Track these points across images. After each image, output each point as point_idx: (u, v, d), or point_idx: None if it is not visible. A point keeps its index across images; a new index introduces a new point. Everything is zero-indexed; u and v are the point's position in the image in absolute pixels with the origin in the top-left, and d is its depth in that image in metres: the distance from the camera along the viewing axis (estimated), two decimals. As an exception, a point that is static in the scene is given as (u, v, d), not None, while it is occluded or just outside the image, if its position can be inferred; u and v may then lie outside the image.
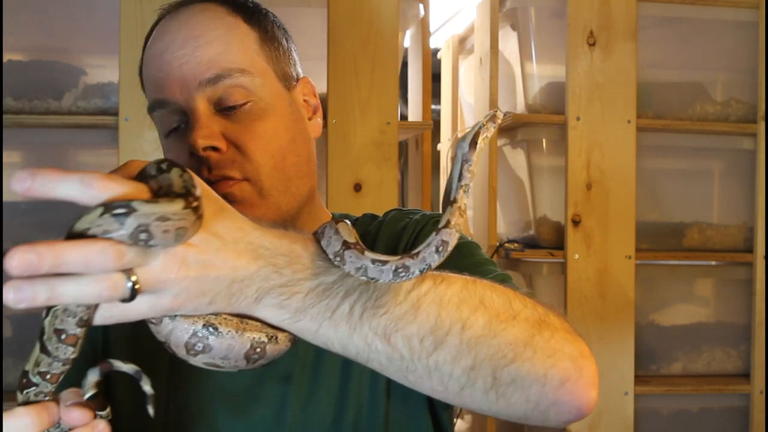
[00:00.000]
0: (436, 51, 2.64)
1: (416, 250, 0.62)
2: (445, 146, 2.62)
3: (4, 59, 1.77)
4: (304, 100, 0.96)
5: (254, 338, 0.62)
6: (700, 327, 2.14)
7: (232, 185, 0.84)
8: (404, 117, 2.31)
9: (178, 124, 0.87)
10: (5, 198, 1.77)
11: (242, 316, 0.62)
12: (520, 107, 2.11)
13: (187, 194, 0.54)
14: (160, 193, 0.55)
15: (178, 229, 0.53)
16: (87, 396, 0.61)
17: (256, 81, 0.88)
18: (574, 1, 1.95)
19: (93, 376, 0.62)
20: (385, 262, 0.61)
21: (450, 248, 0.62)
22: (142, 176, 0.58)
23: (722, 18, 2.08)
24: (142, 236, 0.51)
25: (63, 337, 0.55)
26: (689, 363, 2.11)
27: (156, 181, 0.56)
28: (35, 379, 0.57)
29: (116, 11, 1.72)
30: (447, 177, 0.65)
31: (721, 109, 2.10)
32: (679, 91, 2.11)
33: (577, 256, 1.95)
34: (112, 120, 1.75)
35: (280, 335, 0.64)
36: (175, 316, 0.59)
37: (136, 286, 0.53)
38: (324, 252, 0.63)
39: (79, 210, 0.56)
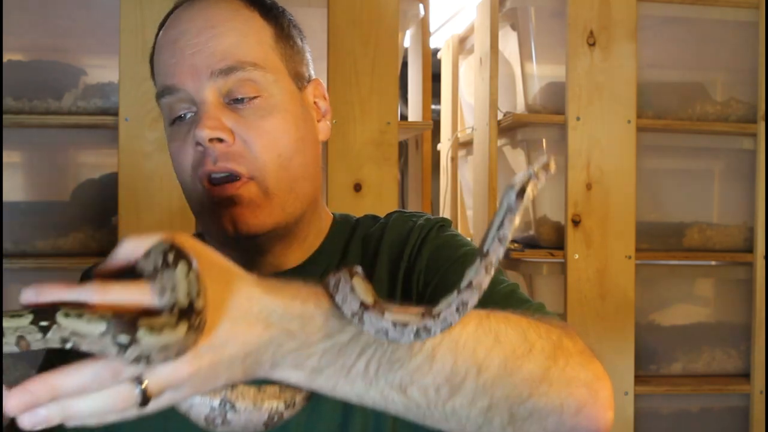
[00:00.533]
0: (436, 51, 2.64)
1: (437, 310, 0.61)
2: (445, 146, 2.62)
3: (4, 59, 1.77)
4: (314, 102, 0.95)
5: (272, 408, 0.62)
6: (700, 327, 2.14)
7: (239, 187, 0.84)
8: (404, 117, 2.31)
9: (185, 112, 0.87)
10: (5, 198, 1.77)
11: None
12: (520, 107, 2.11)
13: (190, 311, 0.52)
14: (163, 301, 0.53)
15: (180, 350, 0.52)
16: None
17: (269, 77, 0.87)
18: (574, 1, 1.95)
19: None
20: (405, 325, 0.60)
21: (470, 307, 0.61)
22: (146, 259, 0.57)
23: (722, 18, 2.08)
24: (143, 362, 0.51)
25: None
26: (689, 363, 2.11)
27: (160, 280, 0.54)
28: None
29: (116, 11, 1.72)
30: (491, 222, 0.63)
31: (721, 109, 2.10)
32: (679, 91, 2.11)
33: (577, 256, 1.95)
34: (112, 120, 1.75)
35: (298, 398, 0.64)
36: None
37: (147, 393, 0.53)
38: (338, 308, 0.61)
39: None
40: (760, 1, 2.04)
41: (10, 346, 0.51)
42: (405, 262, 0.91)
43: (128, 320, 0.50)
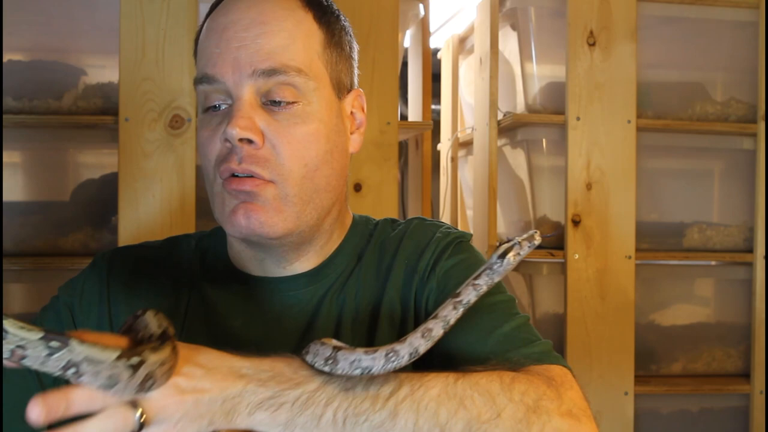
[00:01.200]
0: (436, 51, 2.64)
1: (404, 337, 0.69)
2: (445, 146, 2.62)
3: (4, 59, 1.77)
4: (351, 113, 0.94)
5: None
6: (700, 327, 2.14)
7: (259, 185, 0.83)
8: (404, 117, 2.31)
9: (219, 103, 0.86)
10: (5, 198, 1.77)
11: None
12: (520, 107, 2.11)
13: (166, 335, 0.64)
14: (141, 337, 0.65)
15: (171, 366, 0.63)
16: None
17: (310, 84, 0.86)
18: (574, 1, 1.95)
19: None
20: (375, 350, 0.67)
21: (435, 336, 0.69)
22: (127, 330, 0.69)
23: (722, 18, 2.08)
24: (149, 382, 0.61)
25: None
26: (689, 363, 2.11)
27: (134, 327, 0.67)
28: None
29: (116, 11, 1.72)
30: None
31: (721, 109, 2.10)
32: (679, 91, 2.11)
33: (577, 256, 1.95)
34: (112, 120, 1.75)
35: None
36: None
37: (142, 419, 0.61)
38: (307, 365, 0.70)
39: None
40: (760, 1, 2.04)
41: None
42: (418, 276, 0.91)
43: (132, 347, 0.62)
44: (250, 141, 0.82)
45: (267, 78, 0.83)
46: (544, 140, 2.07)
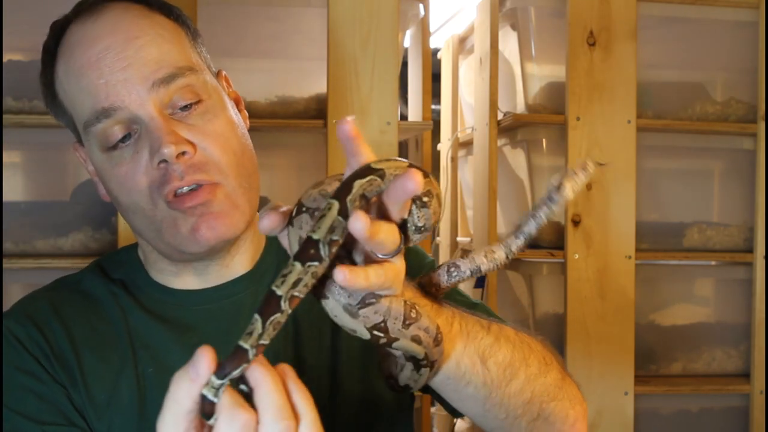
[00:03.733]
0: (436, 51, 2.64)
1: (468, 255, 0.72)
2: (445, 146, 2.62)
3: (4, 59, 1.77)
4: (228, 93, 0.92)
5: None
6: (700, 327, 2.14)
7: (210, 191, 0.82)
8: (404, 117, 2.31)
9: (125, 134, 0.82)
10: (5, 198, 1.77)
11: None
12: (520, 107, 2.11)
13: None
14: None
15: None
16: None
17: (201, 78, 0.85)
18: (574, 1, 1.95)
19: None
20: (440, 266, 0.74)
21: (498, 259, 0.72)
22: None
23: (722, 18, 2.08)
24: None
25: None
26: (689, 363, 2.11)
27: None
28: (324, 251, 0.55)
29: (116, 11, 1.72)
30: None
31: (721, 109, 2.10)
32: (679, 91, 2.11)
33: (577, 256, 1.95)
34: (112, 120, 1.74)
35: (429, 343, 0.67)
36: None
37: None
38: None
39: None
40: (760, 1, 2.04)
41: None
42: None
43: None
44: (184, 153, 0.80)
45: (167, 86, 0.82)
46: (544, 140, 2.07)
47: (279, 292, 0.55)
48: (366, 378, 0.91)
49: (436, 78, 2.24)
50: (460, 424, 2.41)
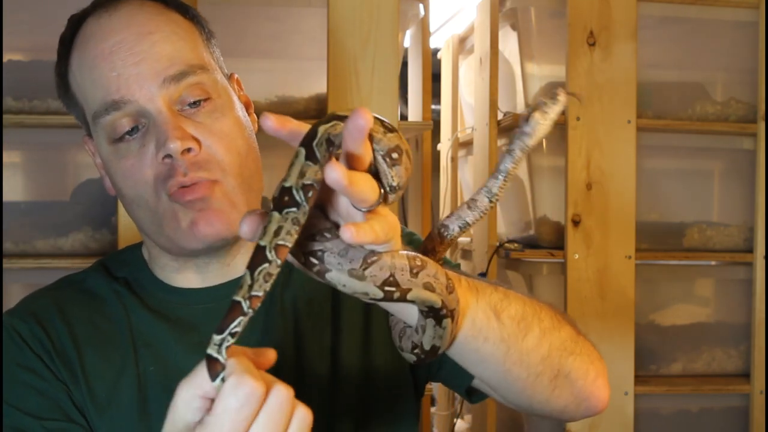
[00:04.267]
0: (436, 51, 2.64)
1: (453, 211, 0.72)
2: (445, 146, 2.62)
3: (4, 59, 1.77)
4: (238, 96, 0.93)
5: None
6: (700, 327, 2.14)
7: (209, 186, 0.83)
8: (404, 117, 2.31)
9: (133, 125, 0.83)
10: (5, 198, 1.77)
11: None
12: (520, 107, 2.11)
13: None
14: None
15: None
16: None
17: (212, 78, 0.86)
18: (574, 1, 1.95)
19: None
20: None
21: (481, 206, 0.71)
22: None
23: (722, 18, 2.08)
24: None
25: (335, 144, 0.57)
26: (689, 363, 2.11)
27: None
28: (299, 196, 0.55)
29: (116, 11, 1.72)
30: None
31: (721, 109, 2.10)
32: (679, 91, 2.11)
33: (577, 256, 1.95)
34: (112, 120, 1.74)
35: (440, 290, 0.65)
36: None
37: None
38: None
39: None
40: (760, 1, 2.04)
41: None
42: None
43: None
44: (189, 150, 0.81)
45: (178, 83, 0.83)
46: (544, 140, 2.06)
47: (262, 243, 0.55)
48: (367, 355, 0.91)
49: (436, 78, 2.24)
50: (460, 424, 2.41)
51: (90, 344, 0.88)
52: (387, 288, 0.61)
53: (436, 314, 0.65)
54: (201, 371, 0.55)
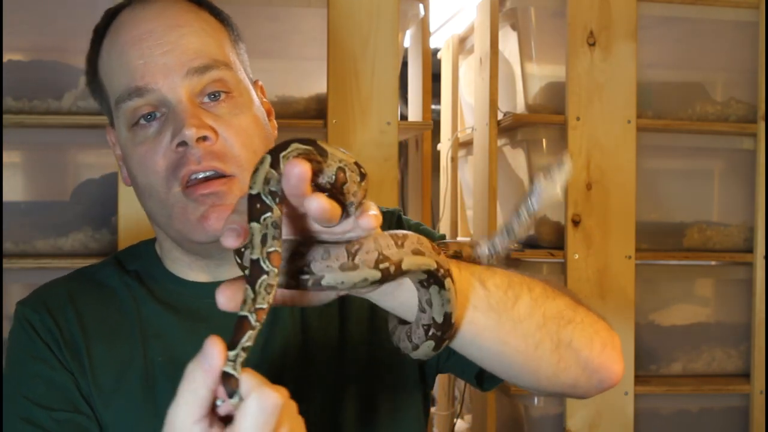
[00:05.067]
0: (436, 51, 2.64)
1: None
2: (445, 146, 2.62)
3: (4, 59, 1.77)
4: (261, 102, 0.96)
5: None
6: (700, 327, 2.14)
7: (225, 182, 0.83)
8: (404, 117, 2.31)
9: (151, 112, 0.85)
10: (5, 198, 1.77)
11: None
12: (520, 107, 2.11)
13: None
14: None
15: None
16: None
17: (236, 76, 0.88)
18: (574, 1, 1.95)
19: None
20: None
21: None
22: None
23: (722, 18, 2.08)
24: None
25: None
26: (689, 363, 2.11)
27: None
28: (268, 201, 0.56)
29: (116, 11, 1.72)
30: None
31: (721, 109, 2.10)
32: (679, 91, 2.11)
33: (577, 256, 1.95)
34: (112, 120, 1.75)
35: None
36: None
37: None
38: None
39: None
40: (760, 1, 2.04)
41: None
42: None
43: None
44: (205, 138, 0.82)
45: (201, 75, 0.84)
46: (544, 140, 2.07)
47: (255, 256, 0.56)
48: (373, 346, 0.92)
49: (436, 78, 2.24)
50: (460, 424, 2.41)
51: (98, 334, 0.89)
52: (381, 266, 0.61)
53: (435, 278, 0.65)
54: (211, 349, 0.55)
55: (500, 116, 2.04)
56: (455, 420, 2.40)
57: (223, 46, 0.89)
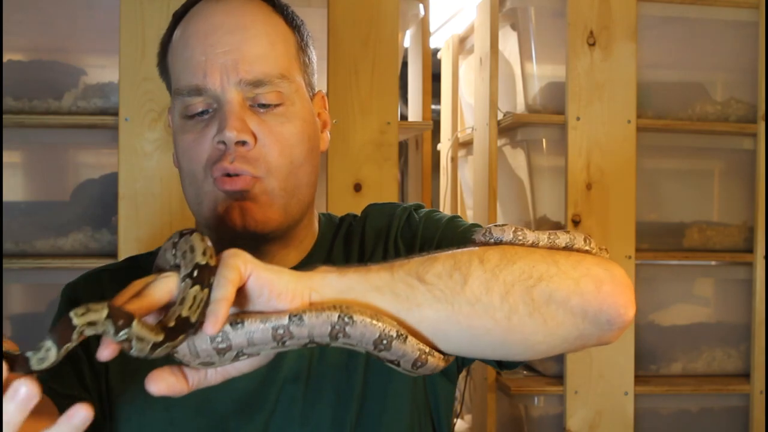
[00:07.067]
0: (436, 51, 2.64)
1: None
2: (445, 146, 2.62)
3: (4, 59, 1.77)
4: (318, 113, 0.97)
5: (384, 330, 0.66)
6: (700, 327, 2.14)
7: (250, 182, 0.86)
8: (404, 117, 2.31)
9: (205, 109, 0.88)
10: (5, 198, 1.77)
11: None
12: (520, 107, 2.11)
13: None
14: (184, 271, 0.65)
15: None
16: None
17: (292, 87, 0.89)
18: (574, 1, 1.95)
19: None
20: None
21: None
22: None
23: (722, 18, 2.08)
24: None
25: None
26: (689, 363, 2.11)
27: (180, 247, 0.67)
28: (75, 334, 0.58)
29: (116, 11, 1.72)
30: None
31: (721, 109, 2.10)
32: (679, 91, 2.11)
33: (577, 256, 1.95)
34: (112, 120, 1.75)
35: (411, 340, 0.68)
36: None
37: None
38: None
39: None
40: (760, 1, 2.04)
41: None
42: (392, 246, 0.95)
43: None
44: (244, 143, 0.85)
45: (254, 88, 0.87)
46: (544, 140, 2.07)
47: (184, 314, 0.62)
48: None
49: (436, 78, 2.24)
50: (460, 424, 2.41)
51: None
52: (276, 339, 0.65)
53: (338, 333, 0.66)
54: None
55: (500, 116, 2.04)
56: (455, 420, 2.40)
57: (286, 54, 0.90)
